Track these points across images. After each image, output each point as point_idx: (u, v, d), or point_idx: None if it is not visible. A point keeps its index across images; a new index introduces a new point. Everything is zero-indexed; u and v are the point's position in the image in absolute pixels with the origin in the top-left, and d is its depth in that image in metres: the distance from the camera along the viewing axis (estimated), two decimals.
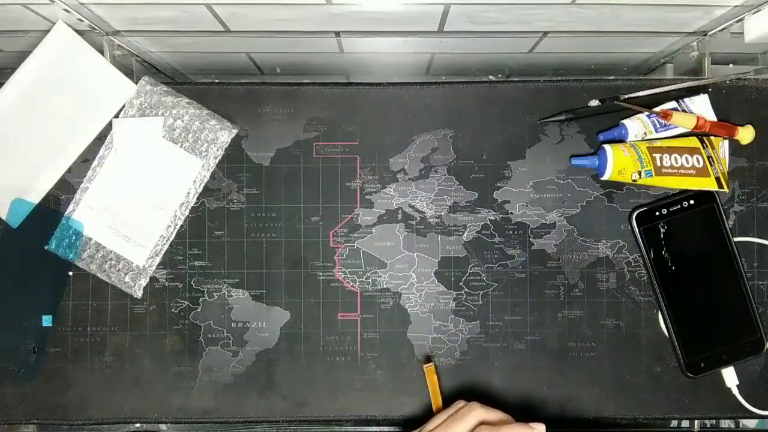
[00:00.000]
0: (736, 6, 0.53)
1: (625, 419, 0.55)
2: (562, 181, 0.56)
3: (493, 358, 0.56)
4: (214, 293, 0.56)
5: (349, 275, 0.56)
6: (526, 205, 0.56)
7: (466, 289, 0.56)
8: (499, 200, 0.56)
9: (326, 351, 0.56)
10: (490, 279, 0.56)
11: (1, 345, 0.55)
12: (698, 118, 0.53)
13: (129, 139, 0.55)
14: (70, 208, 0.55)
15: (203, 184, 0.56)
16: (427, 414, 0.55)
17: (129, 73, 0.56)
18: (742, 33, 0.56)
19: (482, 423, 0.43)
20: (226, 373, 0.56)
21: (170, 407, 0.55)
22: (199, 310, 0.56)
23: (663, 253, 0.54)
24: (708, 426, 0.58)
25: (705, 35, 0.60)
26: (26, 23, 0.56)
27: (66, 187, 0.56)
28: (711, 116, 0.55)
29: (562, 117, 0.55)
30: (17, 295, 0.56)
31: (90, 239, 0.55)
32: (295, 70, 0.78)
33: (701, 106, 0.55)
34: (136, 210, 0.55)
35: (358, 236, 0.56)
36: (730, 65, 0.63)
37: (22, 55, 0.54)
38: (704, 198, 0.55)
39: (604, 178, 0.53)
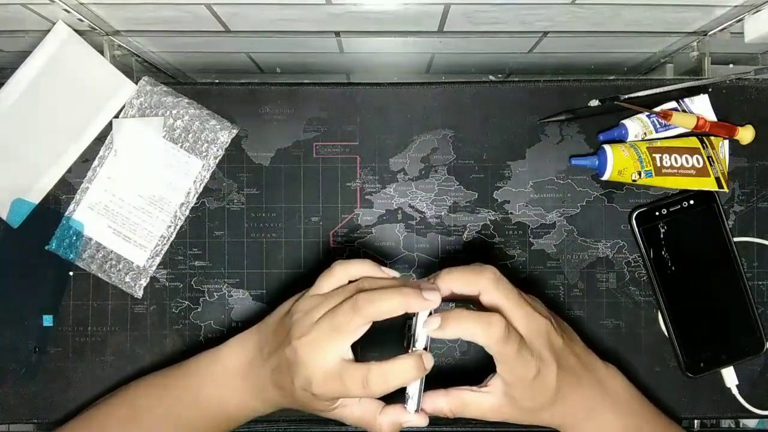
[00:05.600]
0: (736, 6, 0.53)
1: None
2: (562, 181, 0.56)
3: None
4: (215, 293, 0.56)
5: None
6: (526, 205, 0.56)
7: None
8: (499, 200, 0.56)
9: None
10: None
11: (2, 344, 0.55)
12: (698, 118, 0.53)
13: (129, 139, 0.55)
14: (71, 208, 0.55)
15: (203, 184, 0.56)
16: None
17: (129, 73, 0.56)
18: (742, 33, 0.56)
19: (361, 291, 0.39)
20: None
21: None
22: (199, 310, 0.56)
23: (663, 253, 0.54)
24: (708, 426, 0.58)
25: (705, 35, 0.60)
26: (26, 23, 0.56)
27: (66, 187, 0.56)
28: (711, 116, 0.55)
29: (562, 117, 0.55)
30: (18, 295, 0.56)
31: (90, 239, 0.55)
32: (295, 70, 0.78)
33: (701, 106, 0.55)
34: (136, 210, 0.55)
35: (358, 236, 0.56)
36: (730, 65, 0.63)
37: (22, 55, 0.54)
38: (704, 198, 0.55)
39: (604, 178, 0.53)
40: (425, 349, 0.40)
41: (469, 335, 0.38)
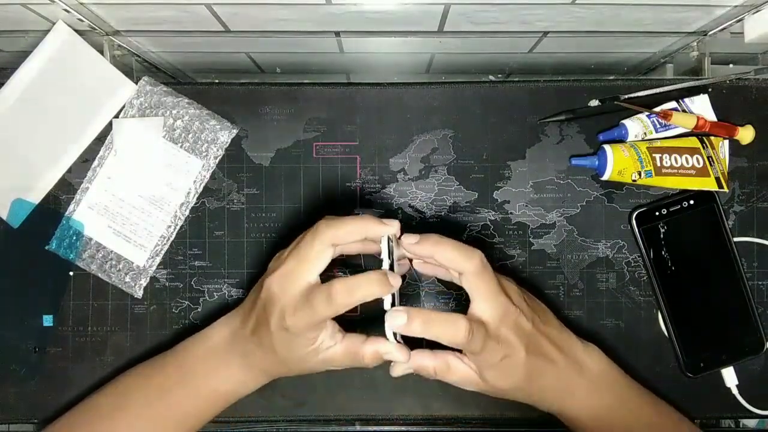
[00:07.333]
0: (736, 6, 0.53)
1: None
2: (562, 181, 0.56)
3: None
4: (215, 293, 0.56)
5: (349, 275, 0.56)
6: (526, 205, 0.56)
7: None
8: (499, 200, 0.56)
9: None
10: None
11: (2, 345, 0.55)
12: (698, 118, 0.53)
13: (129, 139, 0.55)
14: (71, 208, 0.55)
15: (203, 184, 0.56)
16: (429, 414, 0.55)
17: (129, 73, 0.56)
18: (742, 33, 0.56)
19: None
20: None
21: None
22: (199, 310, 0.56)
23: (663, 253, 0.54)
24: (708, 426, 0.58)
25: (705, 35, 0.60)
26: (26, 23, 0.56)
27: (66, 187, 0.56)
28: (711, 116, 0.55)
29: (562, 117, 0.55)
30: (18, 295, 0.56)
31: (90, 239, 0.55)
32: (295, 70, 0.78)
33: (701, 106, 0.55)
34: (136, 210, 0.55)
35: None
36: (730, 65, 0.63)
37: (22, 55, 0.54)
38: (704, 198, 0.55)
39: (604, 178, 0.53)
40: (391, 269, 0.41)
41: (433, 337, 0.39)
